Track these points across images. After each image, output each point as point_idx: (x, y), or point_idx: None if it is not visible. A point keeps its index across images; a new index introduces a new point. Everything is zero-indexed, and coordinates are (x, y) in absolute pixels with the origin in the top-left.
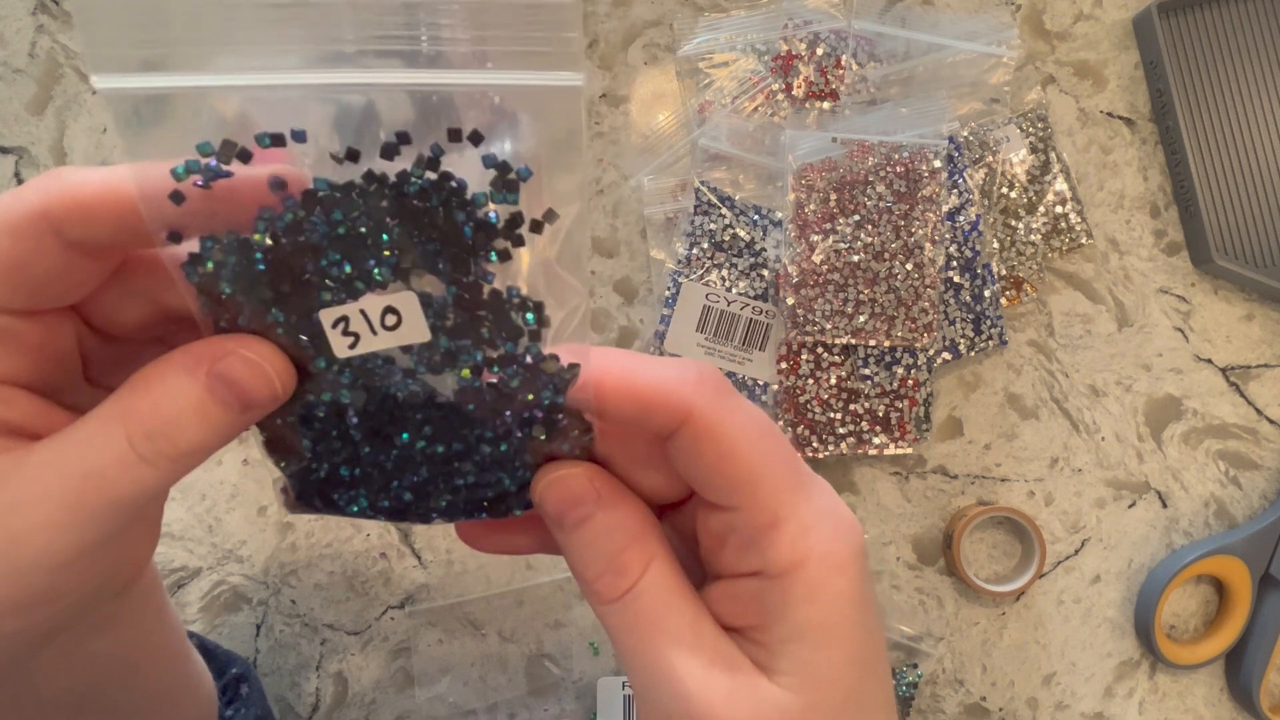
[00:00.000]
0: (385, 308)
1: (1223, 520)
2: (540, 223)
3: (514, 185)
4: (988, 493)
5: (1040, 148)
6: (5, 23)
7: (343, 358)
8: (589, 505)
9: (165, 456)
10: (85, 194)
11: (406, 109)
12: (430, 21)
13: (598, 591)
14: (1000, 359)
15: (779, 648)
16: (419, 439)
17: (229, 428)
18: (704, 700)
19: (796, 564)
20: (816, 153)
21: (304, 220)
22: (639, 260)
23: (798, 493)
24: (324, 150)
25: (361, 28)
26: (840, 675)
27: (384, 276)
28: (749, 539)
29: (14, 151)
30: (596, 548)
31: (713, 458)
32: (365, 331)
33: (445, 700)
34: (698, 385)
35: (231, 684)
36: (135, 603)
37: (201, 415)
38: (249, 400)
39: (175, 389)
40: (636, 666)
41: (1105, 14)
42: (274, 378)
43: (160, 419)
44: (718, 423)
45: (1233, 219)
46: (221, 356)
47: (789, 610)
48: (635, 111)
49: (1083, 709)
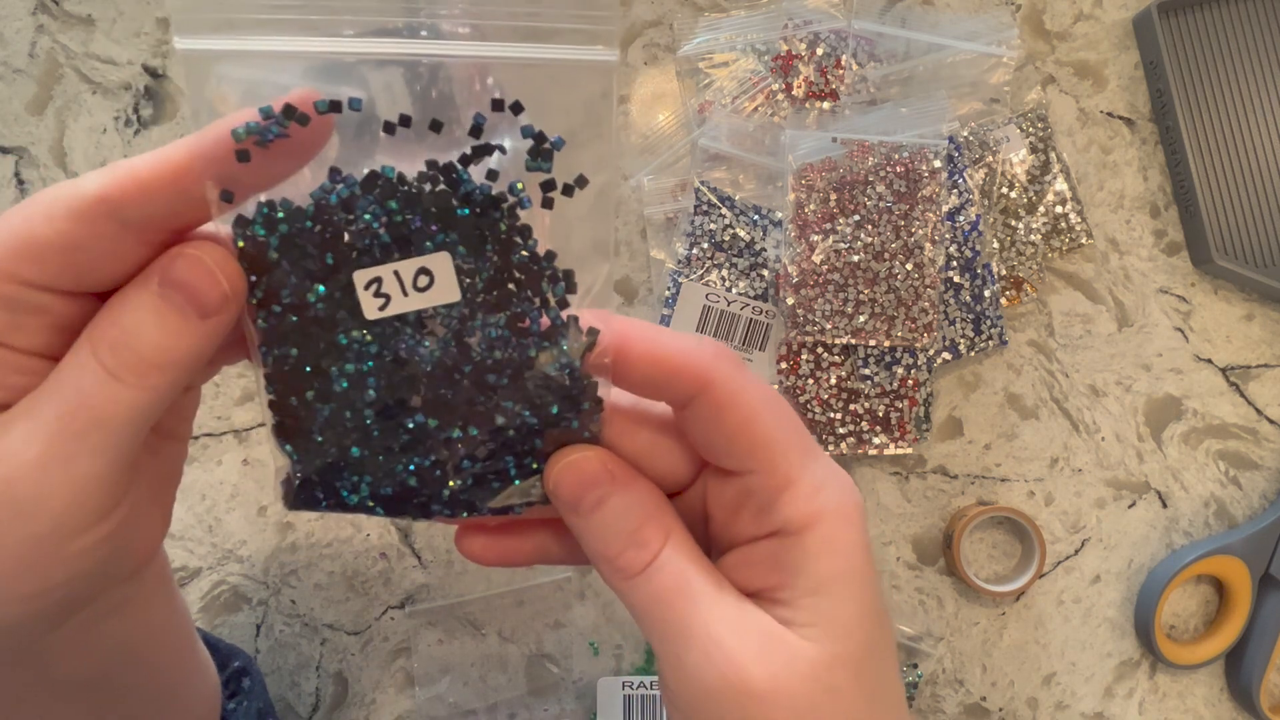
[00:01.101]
0: (419, 269)
1: (1223, 520)
2: (571, 186)
3: (549, 154)
4: (988, 493)
5: (1040, 148)
6: (5, 23)
7: (372, 319)
8: (605, 486)
9: (131, 369)
10: (142, 173)
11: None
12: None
13: (621, 568)
14: (1000, 359)
15: (801, 602)
16: (432, 416)
17: (192, 335)
18: (738, 658)
19: (813, 519)
20: (816, 153)
21: (359, 199)
22: (639, 260)
23: (807, 455)
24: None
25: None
26: (860, 623)
27: (426, 250)
28: (766, 501)
29: (14, 151)
30: (616, 526)
31: (733, 424)
32: (396, 293)
33: (445, 700)
34: (715, 356)
35: (234, 677)
36: (146, 588)
37: (158, 321)
38: (200, 301)
39: (131, 301)
40: (667, 635)
41: (1105, 14)
42: (219, 275)
43: (120, 329)
44: (737, 390)
45: (1233, 219)
46: (170, 263)
47: (808, 564)
48: (635, 111)
49: (1083, 709)
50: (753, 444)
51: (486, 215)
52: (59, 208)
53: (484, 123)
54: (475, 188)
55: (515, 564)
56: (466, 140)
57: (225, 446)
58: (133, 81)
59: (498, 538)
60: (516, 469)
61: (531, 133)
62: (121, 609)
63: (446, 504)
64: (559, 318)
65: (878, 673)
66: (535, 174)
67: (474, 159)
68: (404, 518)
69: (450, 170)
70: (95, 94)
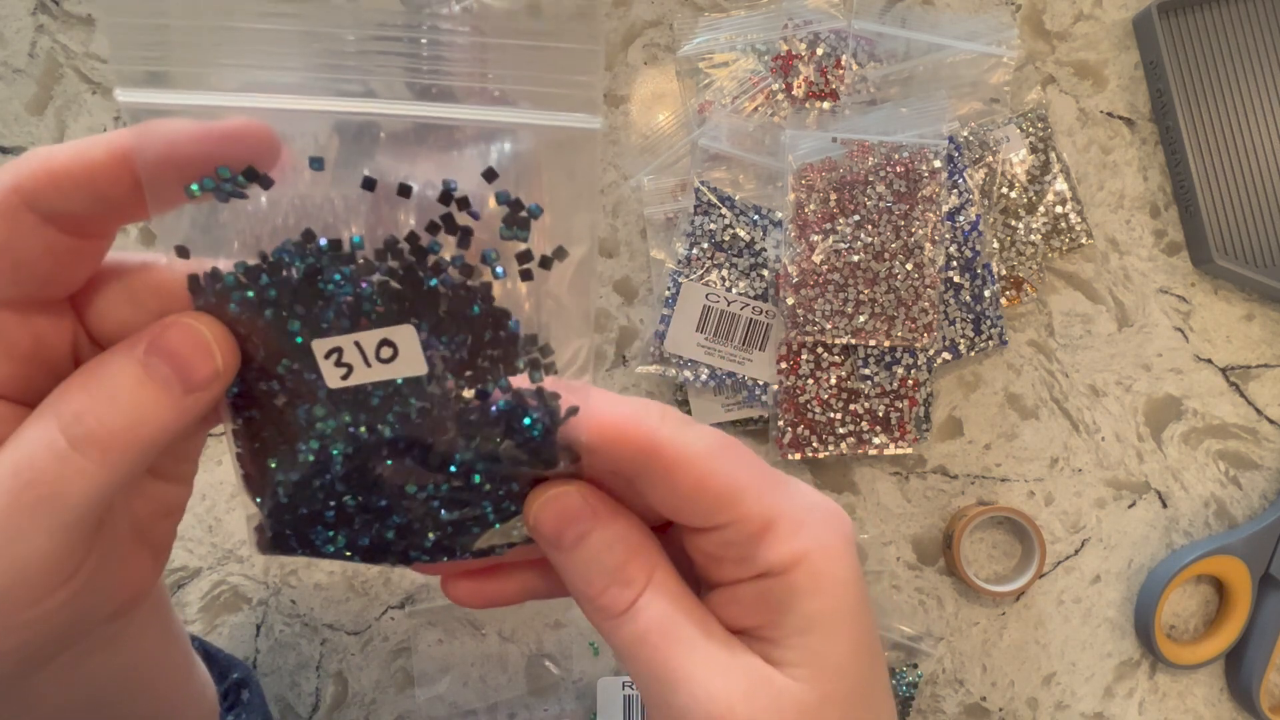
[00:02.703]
0: (381, 340)
1: (1223, 520)
2: (550, 259)
3: (525, 223)
4: (988, 493)
5: (1040, 148)
6: (5, 23)
7: (335, 388)
8: (586, 521)
9: (96, 443)
10: (55, 164)
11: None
12: (446, 56)
13: (603, 607)
14: (1000, 359)
15: (789, 641)
16: (406, 481)
17: (170, 411)
18: (724, 701)
19: (798, 559)
20: (816, 153)
21: (324, 270)
22: (639, 260)
23: (778, 492)
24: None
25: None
26: (850, 663)
27: (387, 322)
28: (746, 549)
29: (14, 151)
30: (598, 563)
31: (688, 484)
32: (359, 363)
33: (445, 700)
34: (660, 419)
35: (233, 689)
36: (137, 622)
37: (135, 391)
38: (187, 374)
39: (111, 369)
40: (651, 677)
41: (1105, 14)
42: (214, 349)
43: (89, 396)
44: (684, 447)
45: (1233, 219)
46: (161, 331)
47: (796, 603)
48: (635, 111)
49: (1083, 709)
50: (716, 499)
51: (456, 290)
52: None
53: (454, 188)
54: (444, 260)
55: (502, 604)
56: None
57: (225, 447)
58: None
59: (482, 581)
60: (495, 513)
61: (507, 199)
62: (110, 643)
63: (427, 552)
64: (535, 395)
65: (869, 710)
66: (511, 243)
67: (444, 227)
68: (384, 564)
69: (414, 240)
70: (95, 94)
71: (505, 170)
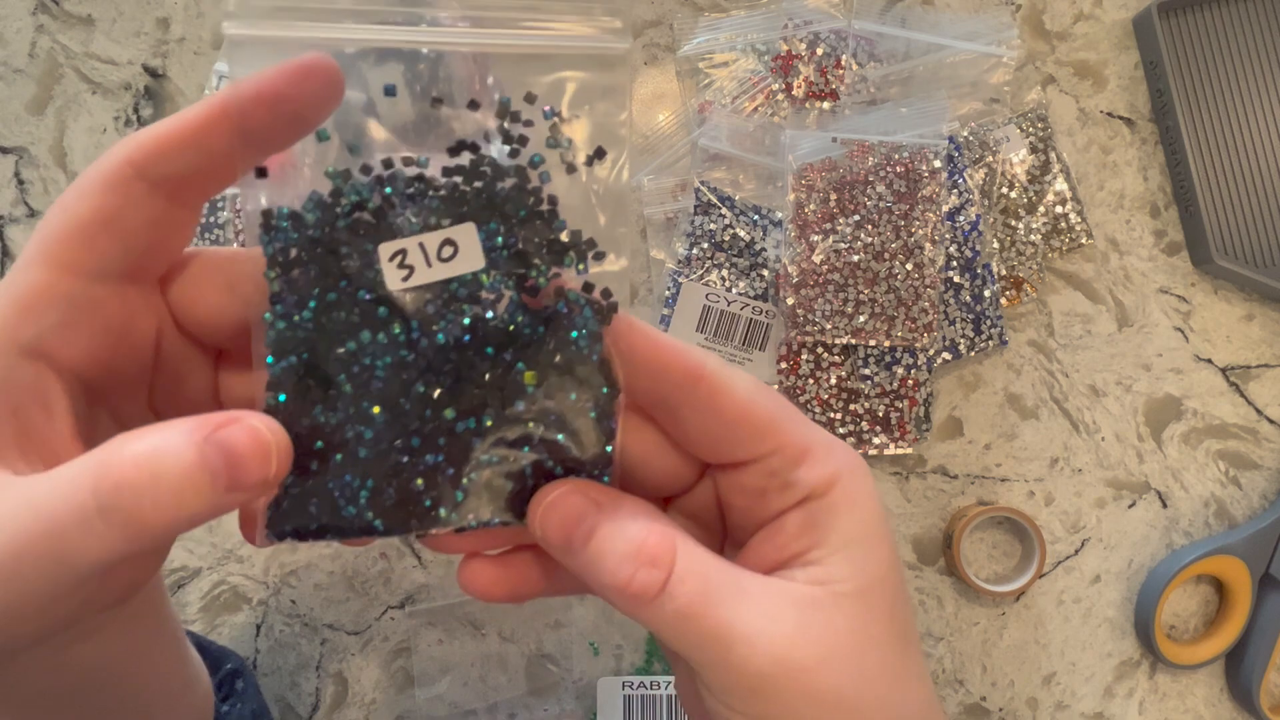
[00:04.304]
0: (444, 240)
1: (1223, 520)
2: (593, 158)
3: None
4: (988, 493)
5: (1040, 148)
6: (5, 23)
7: (395, 290)
8: (591, 516)
9: (126, 518)
10: (162, 130)
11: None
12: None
13: (637, 593)
14: (1000, 359)
15: (834, 558)
16: (449, 405)
17: (208, 504)
18: (782, 640)
19: (835, 478)
20: (816, 153)
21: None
22: (639, 260)
23: (807, 425)
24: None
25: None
26: (888, 571)
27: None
28: (788, 475)
29: (14, 151)
30: (617, 551)
31: (733, 410)
32: (420, 264)
33: (445, 700)
34: (704, 353)
35: (227, 680)
36: (126, 613)
37: (181, 476)
38: (240, 478)
39: (166, 446)
40: (704, 643)
41: (1105, 14)
42: (273, 455)
43: (136, 472)
44: (728, 379)
45: (1233, 219)
46: (227, 424)
47: (837, 520)
48: (635, 111)
49: (1083, 709)
50: (761, 426)
51: (511, 191)
52: (92, 183)
53: (509, 102)
54: (501, 166)
55: (524, 597)
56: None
57: None
58: (133, 81)
59: (505, 568)
60: (530, 468)
61: (552, 114)
62: (99, 632)
63: (457, 509)
64: (582, 287)
65: (905, 614)
66: (555, 151)
67: (501, 137)
68: (406, 532)
69: (475, 147)
70: (95, 94)
71: (548, 90)
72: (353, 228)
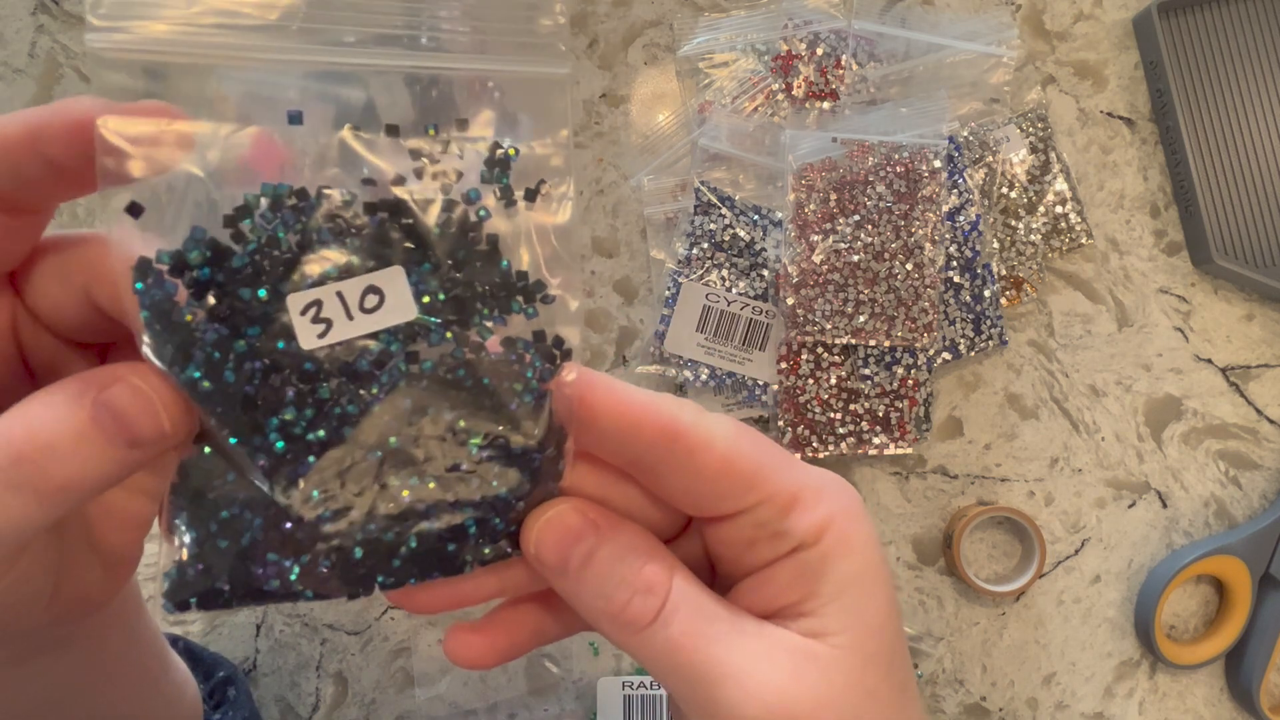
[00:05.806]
0: (367, 287)
1: (1223, 520)
2: (534, 191)
3: (506, 164)
4: (988, 493)
5: (1040, 148)
6: (5, 23)
7: (309, 349)
8: (590, 538)
9: (33, 485)
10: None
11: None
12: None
13: (630, 621)
14: (1000, 359)
15: (828, 609)
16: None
17: (113, 463)
18: (774, 686)
19: (827, 524)
20: (816, 153)
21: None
22: (639, 260)
23: (794, 468)
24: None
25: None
26: (885, 619)
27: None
28: (777, 525)
29: None
30: (613, 577)
31: (715, 465)
32: (340, 317)
33: (445, 700)
34: (677, 405)
35: (219, 687)
36: (97, 627)
37: (78, 441)
38: (134, 435)
39: (57, 413)
40: (695, 679)
41: (1105, 14)
42: (162, 413)
43: (34, 445)
44: (706, 431)
45: (1233, 219)
46: (111, 383)
47: (829, 569)
48: (635, 111)
49: (1083, 709)
50: (745, 477)
51: (444, 229)
52: None
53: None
54: (429, 201)
55: (514, 656)
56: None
57: None
58: None
59: (489, 634)
60: (477, 529)
61: (491, 144)
62: (61, 646)
63: (395, 573)
64: (528, 335)
65: (903, 664)
66: (491, 185)
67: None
68: (340, 596)
69: (400, 182)
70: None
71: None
72: (254, 274)
